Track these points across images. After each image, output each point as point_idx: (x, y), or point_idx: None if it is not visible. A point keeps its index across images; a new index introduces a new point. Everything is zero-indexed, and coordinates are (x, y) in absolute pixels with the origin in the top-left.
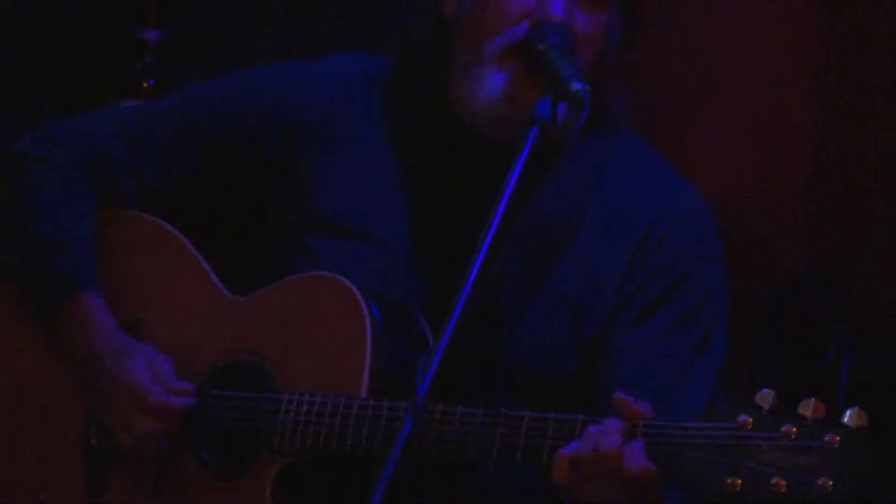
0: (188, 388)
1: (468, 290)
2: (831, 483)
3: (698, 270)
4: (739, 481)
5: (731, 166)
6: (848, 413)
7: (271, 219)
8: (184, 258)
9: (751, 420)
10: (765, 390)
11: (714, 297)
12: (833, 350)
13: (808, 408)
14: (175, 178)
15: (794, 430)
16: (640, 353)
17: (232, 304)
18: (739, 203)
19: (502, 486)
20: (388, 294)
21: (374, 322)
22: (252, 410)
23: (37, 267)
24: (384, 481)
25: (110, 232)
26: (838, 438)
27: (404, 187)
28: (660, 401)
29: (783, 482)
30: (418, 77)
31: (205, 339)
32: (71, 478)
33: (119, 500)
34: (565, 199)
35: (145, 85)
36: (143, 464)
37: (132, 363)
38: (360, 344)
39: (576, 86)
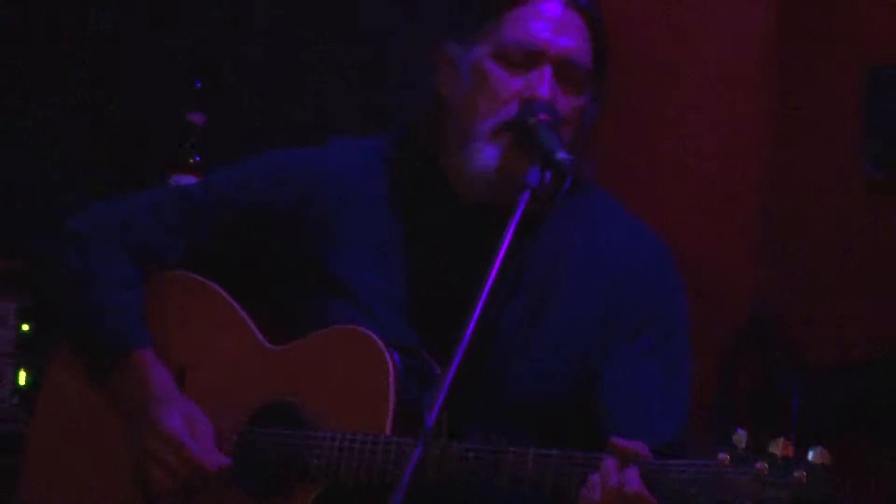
0: (224, 462)
1: (470, 332)
2: None
3: (667, 300)
4: None
5: (680, 210)
6: (812, 452)
7: (292, 281)
8: (227, 312)
9: (728, 457)
10: (740, 431)
11: (683, 320)
12: (783, 387)
13: (777, 446)
14: (208, 251)
15: (766, 466)
16: (626, 375)
17: (270, 353)
18: (690, 247)
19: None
20: (403, 343)
21: (395, 368)
22: (291, 445)
23: (93, 331)
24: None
25: (160, 290)
26: (805, 474)
27: (405, 250)
28: (647, 415)
29: None
30: (415, 151)
31: (247, 383)
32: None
33: None
34: (552, 251)
35: (191, 161)
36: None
37: (170, 413)
38: (385, 388)
39: (560, 156)
